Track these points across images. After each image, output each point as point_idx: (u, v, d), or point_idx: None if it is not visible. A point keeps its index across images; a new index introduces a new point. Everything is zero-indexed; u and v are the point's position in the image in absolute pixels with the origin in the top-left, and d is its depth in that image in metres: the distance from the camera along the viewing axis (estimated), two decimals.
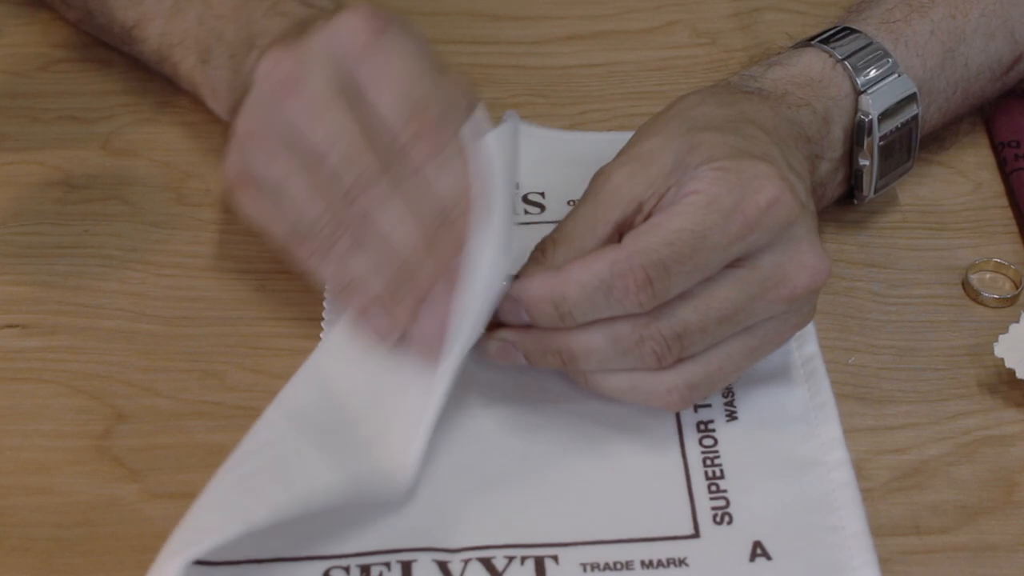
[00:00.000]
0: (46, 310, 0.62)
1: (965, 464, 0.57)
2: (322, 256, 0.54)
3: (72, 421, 0.58)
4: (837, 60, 0.62)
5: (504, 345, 0.55)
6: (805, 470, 0.55)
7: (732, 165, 0.52)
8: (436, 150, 0.53)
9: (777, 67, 0.62)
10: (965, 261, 0.65)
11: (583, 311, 0.52)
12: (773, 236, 0.52)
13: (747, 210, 0.51)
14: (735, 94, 0.59)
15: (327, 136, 0.53)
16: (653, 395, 0.54)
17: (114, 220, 0.66)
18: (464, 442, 0.57)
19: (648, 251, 0.51)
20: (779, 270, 0.53)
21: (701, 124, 0.55)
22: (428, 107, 0.53)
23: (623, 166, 0.54)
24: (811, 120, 0.60)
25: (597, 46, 0.77)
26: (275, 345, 0.60)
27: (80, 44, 0.75)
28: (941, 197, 0.68)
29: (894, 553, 0.53)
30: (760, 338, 0.54)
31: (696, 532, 0.53)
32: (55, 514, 0.54)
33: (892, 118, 0.62)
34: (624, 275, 0.51)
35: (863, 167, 0.63)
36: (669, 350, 0.52)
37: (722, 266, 0.52)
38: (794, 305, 0.54)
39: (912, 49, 0.64)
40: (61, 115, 0.72)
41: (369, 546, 0.53)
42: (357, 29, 0.54)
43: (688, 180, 0.52)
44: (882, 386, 0.60)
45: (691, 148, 0.53)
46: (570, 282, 0.52)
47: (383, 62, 0.54)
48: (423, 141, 0.53)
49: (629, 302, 0.51)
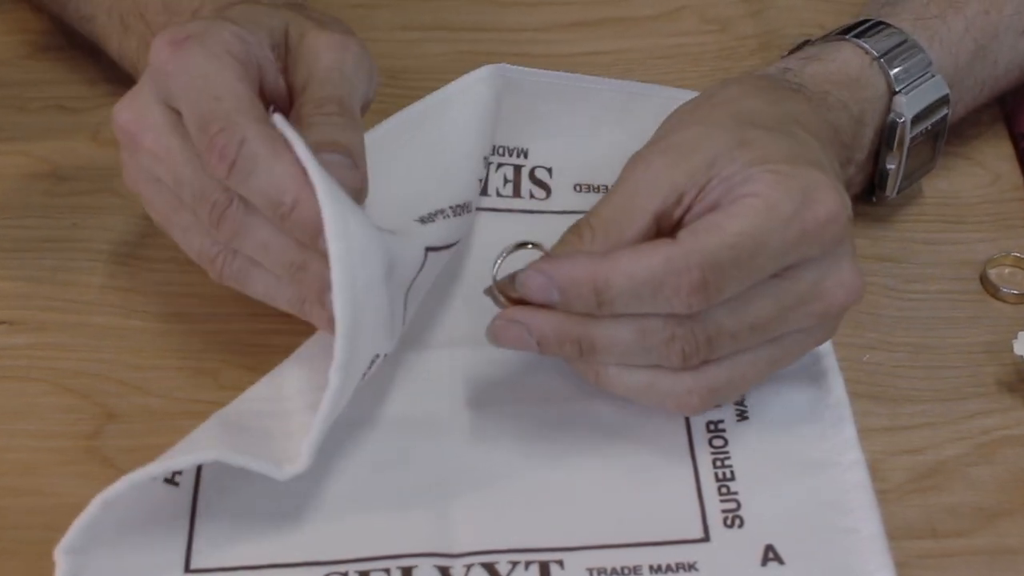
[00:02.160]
0: (33, 306, 0.62)
1: (983, 465, 0.57)
2: (229, 278, 0.56)
3: (61, 421, 0.58)
4: (873, 58, 0.62)
5: (516, 328, 0.53)
6: (818, 471, 0.55)
7: (791, 171, 0.52)
8: (230, 164, 0.52)
9: (816, 62, 0.62)
10: (983, 255, 0.65)
11: (624, 303, 0.51)
12: (822, 251, 0.52)
13: (806, 220, 0.51)
14: (779, 90, 0.59)
15: (175, 180, 0.55)
16: (670, 396, 0.54)
17: (104, 213, 0.66)
18: (465, 444, 0.56)
19: (707, 251, 0.50)
20: (818, 286, 0.53)
21: (748, 119, 0.55)
22: (213, 120, 0.53)
23: (663, 154, 0.54)
24: (847, 124, 0.60)
25: (603, 33, 0.77)
26: (270, 342, 0.60)
27: (68, 30, 0.74)
28: (959, 189, 0.68)
29: (910, 557, 0.53)
30: (784, 349, 0.54)
31: (706, 536, 0.53)
32: (44, 516, 0.54)
33: (923, 120, 0.62)
34: (679, 273, 0.50)
35: (890, 170, 0.63)
36: (697, 351, 0.52)
37: (772, 273, 0.52)
38: (824, 321, 0.54)
39: (946, 47, 0.64)
40: (48, 104, 0.72)
41: (368, 551, 0.52)
42: (158, 49, 0.55)
43: (743, 181, 0.52)
44: (897, 384, 0.60)
45: (740, 144, 0.53)
46: (618, 270, 0.51)
47: (179, 82, 0.54)
48: (215, 156, 0.52)
49: (678, 302, 0.50)
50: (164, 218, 0.57)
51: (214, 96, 0.53)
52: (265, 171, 0.52)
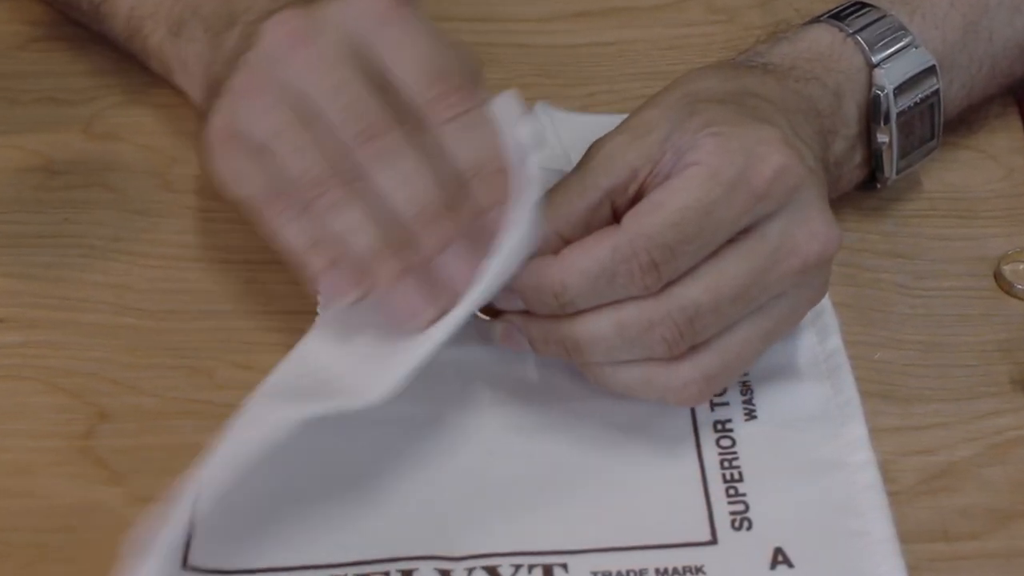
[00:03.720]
0: (25, 303, 0.62)
1: (997, 466, 0.57)
2: (295, 215, 0.52)
3: (52, 421, 0.58)
4: (848, 34, 0.62)
5: (510, 329, 0.55)
6: (828, 472, 0.55)
7: (733, 131, 0.52)
8: (459, 113, 0.52)
9: (784, 43, 0.62)
10: (997, 251, 0.64)
11: (585, 299, 0.52)
12: (779, 204, 0.52)
13: (753, 181, 0.51)
14: (738, 68, 0.60)
15: (331, 88, 0.52)
16: (668, 390, 0.54)
17: (97, 208, 0.66)
18: (467, 443, 0.56)
19: (651, 234, 0.51)
20: (788, 240, 0.53)
21: (702, 96, 0.55)
22: (452, 74, 0.53)
23: (618, 134, 0.55)
24: (821, 94, 0.60)
25: (607, 23, 0.77)
26: (267, 340, 0.60)
27: (61, 21, 0.74)
28: (971, 183, 0.68)
29: (922, 560, 0.53)
30: (775, 319, 0.54)
31: (713, 538, 0.53)
32: (35, 518, 0.54)
33: (910, 92, 0.62)
34: (628, 260, 0.51)
35: (882, 145, 0.62)
36: (681, 336, 0.52)
37: (728, 238, 0.52)
38: (806, 277, 0.54)
39: (930, 21, 0.64)
40: (40, 97, 0.72)
41: (367, 554, 0.52)
42: (373, 2, 0.54)
43: (687, 149, 0.52)
44: (909, 383, 0.60)
45: (689, 116, 0.53)
46: (571, 270, 0.52)
47: (401, 35, 0.53)
48: (446, 102, 0.52)
49: (634, 287, 0.51)
50: (268, 128, 0.53)
51: (448, 57, 0.53)
52: (478, 140, 0.52)
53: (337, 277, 0.52)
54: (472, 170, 0.52)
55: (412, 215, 0.52)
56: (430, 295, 0.52)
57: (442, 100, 0.52)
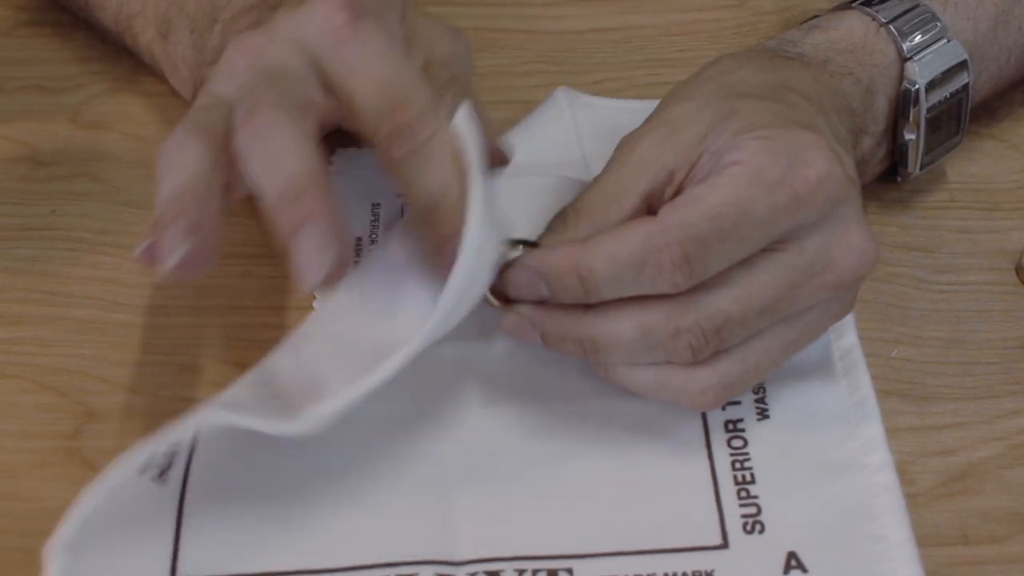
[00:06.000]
0: (10, 298, 0.62)
1: (1018, 467, 0.57)
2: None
3: (39, 420, 0.58)
4: (881, 24, 0.62)
5: (521, 321, 0.54)
6: (843, 474, 0.55)
7: (778, 134, 0.52)
8: (414, 147, 0.53)
9: (817, 31, 0.62)
10: (1019, 244, 0.64)
11: (611, 287, 0.52)
12: (821, 215, 0.52)
13: (796, 184, 0.51)
14: (774, 59, 0.59)
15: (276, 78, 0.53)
16: (684, 394, 0.54)
17: (84, 199, 0.66)
18: (469, 444, 0.56)
19: (686, 226, 0.50)
20: (825, 254, 0.52)
21: (739, 90, 0.55)
22: (408, 101, 0.53)
23: (651, 132, 0.54)
24: (854, 91, 0.60)
25: (614, 8, 0.77)
26: (260, 336, 0.60)
27: (48, 6, 0.74)
28: (993, 174, 0.68)
29: (940, 564, 0.53)
30: (799, 330, 0.54)
31: (725, 542, 0.53)
32: (21, 522, 0.54)
33: (940, 88, 0.62)
34: (659, 251, 0.50)
35: (908, 141, 0.62)
36: (707, 344, 0.52)
37: (765, 244, 0.52)
38: (838, 293, 0.53)
39: (962, 12, 0.64)
40: (26, 84, 0.71)
41: (366, 559, 0.52)
42: (331, 13, 0.54)
43: (728, 149, 0.52)
44: (928, 382, 0.59)
45: (729, 114, 0.53)
46: (599, 255, 0.51)
47: (356, 56, 0.54)
48: (402, 137, 0.53)
49: (663, 281, 0.51)
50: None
51: (404, 80, 0.53)
52: (436, 171, 0.52)
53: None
54: (430, 205, 0.52)
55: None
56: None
57: (397, 135, 0.52)
